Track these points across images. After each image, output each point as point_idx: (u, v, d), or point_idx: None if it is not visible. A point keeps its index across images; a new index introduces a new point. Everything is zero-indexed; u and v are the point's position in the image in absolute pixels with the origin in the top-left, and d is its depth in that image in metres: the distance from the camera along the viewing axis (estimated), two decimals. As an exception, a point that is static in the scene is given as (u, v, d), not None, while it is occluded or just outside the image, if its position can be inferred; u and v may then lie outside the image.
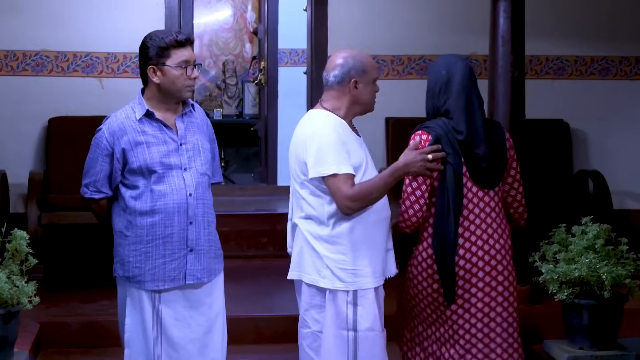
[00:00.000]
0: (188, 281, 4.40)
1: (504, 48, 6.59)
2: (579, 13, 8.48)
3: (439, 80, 4.70)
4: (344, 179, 4.27)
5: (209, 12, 12.60)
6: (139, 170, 4.33)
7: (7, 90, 7.97)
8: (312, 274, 4.38)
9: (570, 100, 8.47)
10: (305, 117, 4.48)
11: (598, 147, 8.51)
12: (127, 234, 4.39)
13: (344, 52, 4.44)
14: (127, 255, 4.39)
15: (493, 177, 4.57)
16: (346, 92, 4.40)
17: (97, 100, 8.02)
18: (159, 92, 4.36)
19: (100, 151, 4.37)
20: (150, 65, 4.32)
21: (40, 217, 7.37)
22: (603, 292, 5.40)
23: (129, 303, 4.42)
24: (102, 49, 8.10)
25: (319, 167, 4.28)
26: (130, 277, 4.39)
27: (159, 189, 4.33)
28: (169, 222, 4.35)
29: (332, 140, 4.30)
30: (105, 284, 7.23)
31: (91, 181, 4.41)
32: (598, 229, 5.54)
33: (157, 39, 4.34)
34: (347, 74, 4.38)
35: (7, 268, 5.01)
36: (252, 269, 7.55)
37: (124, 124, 4.35)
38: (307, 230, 4.37)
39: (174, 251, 4.37)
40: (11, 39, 7.98)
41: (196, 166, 4.42)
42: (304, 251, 4.40)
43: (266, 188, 10.33)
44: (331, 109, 4.41)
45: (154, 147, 4.34)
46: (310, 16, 8.49)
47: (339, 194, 4.26)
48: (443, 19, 8.34)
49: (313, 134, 4.33)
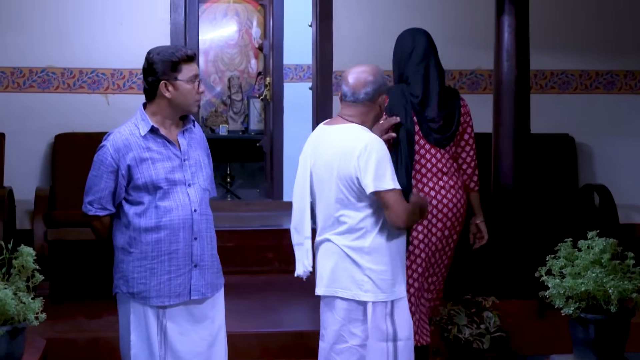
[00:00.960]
0: (193, 297, 4.41)
1: (508, 63, 6.61)
2: (583, 27, 8.48)
3: (404, 51, 5.46)
4: (399, 193, 4.42)
5: (214, 28, 12.63)
6: (144, 186, 4.33)
7: (13, 107, 7.99)
8: (351, 289, 4.46)
9: (575, 114, 8.47)
10: (337, 131, 4.50)
11: (604, 161, 8.51)
12: (131, 250, 4.39)
13: (368, 68, 4.55)
14: (131, 272, 4.39)
15: (444, 137, 5.28)
16: (375, 108, 4.54)
17: (103, 117, 8.04)
18: (168, 107, 4.37)
19: (105, 168, 4.37)
20: (162, 80, 4.33)
21: (47, 234, 7.38)
22: (610, 306, 5.38)
23: (133, 320, 4.41)
24: (108, 65, 8.12)
25: (379, 182, 4.37)
26: (134, 293, 4.39)
27: (164, 205, 4.34)
28: (174, 238, 4.35)
29: (386, 156, 4.43)
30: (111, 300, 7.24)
31: (95, 198, 4.41)
32: (604, 243, 5.52)
33: (167, 54, 4.36)
34: (378, 90, 4.52)
35: (14, 284, 5.01)
36: (258, 285, 7.54)
37: (129, 140, 4.36)
38: (345, 245, 4.44)
39: (179, 267, 4.38)
40: (17, 56, 8.00)
41: (199, 182, 4.44)
42: (339, 267, 4.46)
43: (272, 203, 10.33)
44: (360, 124, 4.51)
45: (159, 163, 4.35)
46: (315, 32, 8.50)
47: (400, 208, 4.39)
48: (447, 33, 8.32)
49: (367, 149, 4.39)
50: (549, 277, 5.53)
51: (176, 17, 8.17)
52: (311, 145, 4.58)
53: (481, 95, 8.24)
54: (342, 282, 4.46)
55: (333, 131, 4.52)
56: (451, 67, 8.32)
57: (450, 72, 8.34)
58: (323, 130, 4.58)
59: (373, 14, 8.34)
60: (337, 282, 4.47)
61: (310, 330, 6.12)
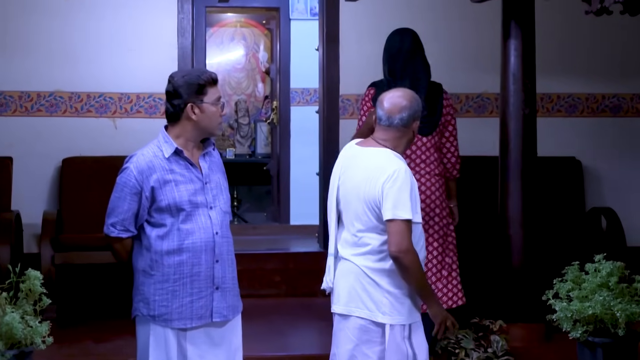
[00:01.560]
0: (215, 319, 4.42)
1: (515, 86, 6.61)
2: (589, 51, 8.49)
3: (393, 48, 6.19)
4: (410, 227, 4.41)
5: (221, 53, 12.68)
6: (167, 208, 4.35)
7: (21, 131, 8.01)
8: (369, 309, 4.46)
9: (582, 137, 8.47)
10: (368, 154, 4.53)
11: (611, 184, 8.50)
12: (152, 272, 4.39)
13: (403, 94, 4.58)
14: (152, 294, 4.39)
15: (428, 127, 5.98)
16: (408, 133, 4.56)
17: (110, 141, 8.06)
18: (193, 129, 4.41)
19: (129, 189, 4.38)
20: (189, 102, 4.36)
21: (54, 257, 7.38)
22: (617, 329, 5.38)
23: (152, 342, 4.41)
24: (115, 89, 8.14)
25: (397, 210, 4.37)
26: (155, 315, 4.39)
27: (186, 227, 4.36)
28: (196, 261, 4.37)
29: (411, 185, 4.43)
30: (119, 324, 7.24)
31: (119, 220, 4.41)
32: (611, 267, 5.52)
33: (193, 77, 4.39)
34: (413, 115, 4.55)
35: (21, 308, 5.02)
36: (265, 308, 7.53)
37: (153, 162, 4.38)
38: (365, 266, 4.45)
39: (201, 289, 4.39)
40: (25, 80, 8.03)
41: (220, 205, 4.46)
42: (357, 287, 4.48)
43: (279, 227, 10.35)
44: (392, 148, 4.53)
45: (182, 186, 4.38)
46: (322, 55, 8.52)
47: (405, 239, 4.37)
48: (454, 57, 8.36)
49: (394, 175, 4.40)
50: (557, 301, 5.52)
51: (183, 42, 8.20)
52: (341, 164, 4.62)
53: (488, 118, 8.25)
54: (360, 302, 4.47)
55: (365, 153, 4.55)
56: (458, 91, 8.34)
57: (457, 96, 8.35)
58: (355, 150, 4.62)
59: (379, 38, 8.29)
60: (355, 302, 4.49)
61: (318, 354, 6.12)
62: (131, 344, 6.60)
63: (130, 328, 6.97)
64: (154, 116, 8.14)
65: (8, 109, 8.02)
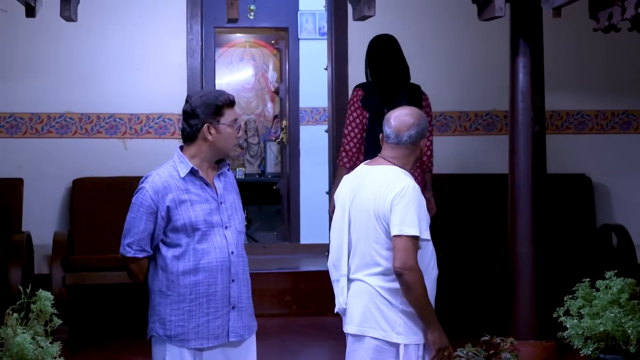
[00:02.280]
0: (231, 339, 4.42)
1: (524, 104, 6.61)
2: (598, 68, 8.50)
3: (376, 53, 6.77)
4: (417, 244, 4.39)
5: (230, 73, 12.72)
6: (182, 228, 4.36)
7: (31, 152, 8.04)
8: (384, 329, 4.44)
9: (591, 154, 8.46)
10: (377, 172, 4.52)
11: (621, 201, 8.48)
12: (168, 293, 4.39)
13: (411, 112, 4.58)
14: (168, 314, 4.39)
15: None
16: (416, 150, 4.56)
17: (120, 161, 8.08)
18: (209, 150, 4.42)
19: (145, 209, 4.39)
20: (205, 123, 4.38)
21: (65, 278, 7.39)
22: (629, 346, 5.35)
23: None
24: (125, 110, 8.17)
25: (403, 226, 4.35)
26: (172, 336, 4.39)
27: (202, 247, 4.37)
28: (212, 280, 4.37)
29: (419, 202, 4.42)
30: (129, 345, 7.26)
31: (135, 240, 4.41)
32: (622, 283, 5.49)
33: (211, 98, 4.41)
34: (421, 133, 4.54)
35: (32, 329, 5.01)
36: (276, 328, 7.53)
37: (168, 182, 4.40)
38: (379, 286, 4.43)
39: (217, 309, 4.39)
40: (35, 102, 8.07)
41: (235, 224, 4.48)
42: (372, 307, 4.45)
43: (289, 246, 10.35)
44: (401, 166, 4.53)
45: (198, 205, 4.39)
46: (331, 75, 8.54)
47: (410, 256, 4.34)
48: (463, 75, 8.38)
49: (402, 192, 4.40)
50: (567, 318, 5.50)
51: (193, 62, 8.23)
52: (349, 185, 4.61)
53: (497, 136, 8.25)
54: (374, 322, 4.46)
55: (374, 172, 4.54)
56: (467, 109, 8.36)
57: (466, 114, 8.37)
58: (364, 170, 4.61)
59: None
60: (369, 322, 4.47)
61: (328, 373, 6.12)
62: (142, 364, 6.65)
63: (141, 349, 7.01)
64: (164, 137, 8.16)
65: (19, 130, 8.05)
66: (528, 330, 6.53)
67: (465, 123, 8.36)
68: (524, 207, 6.60)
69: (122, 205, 7.67)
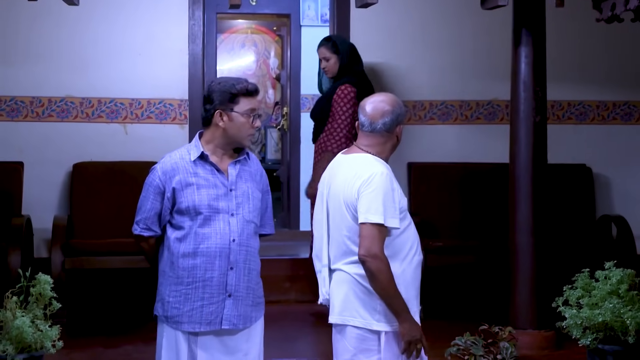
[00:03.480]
0: (224, 326, 4.40)
1: (525, 93, 6.61)
2: (600, 58, 8.48)
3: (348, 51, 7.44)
4: (383, 232, 4.30)
5: (232, 59, 12.71)
6: (186, 210, 4.37)
7: (32, 136, 8.03)
8: (363, 317, 4.38)
9: (592, 145, 8.45)
10: (349, 161, 4.47)
11: (621, 192, 8.48)
12: (170, 274, 4.41)
13: (386, 98, 4.50)
14: (167, 295, 4.41)
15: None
16: (392, 138, 4.48)
17: (121, 146, 8.07)
18: (222, 136, 4.42)
19: (153, 189, 4.42)
20: (218, 109, 4.38)
21: (64, 262, 7.38)
22: (627, 337, 5.36)
23: (164, 343, 4.42)
24: (126, 95, 8.15)
25: (368, 214, 4.29)
26: (168, 317, 4.41)
27: (203, 231, 4.37)
28: (209, 266, 4.37)
29: (386, 190, 4.33)
30: (128, 329, 7.26)
31: (142, 218, 4.45)
32: (622, 274, 5.50)
33: (227, 85, 4.40)
34: (396, 120, 4.45)
35: (31, 312, 5.02)
36: (275, 315, 7.50)
37: (177, 164, 4.41)
38: (357, 274, 4.37)
39: (213, 295, 4.39)
40: (36, 86, 8.05)
41: (243, 213, 4.45)
42: (351, 295, 4.39)
43: (288, 233, 10.35)
44: (375, 154, 4.45)
45: (204, 190, 4.39)
46: (333, 62, 8.52)
47: (374, 244, 4.27)
48: (464, 64, 8.36)
49: (369, 179, 4.34)
50: (566, 308, 5.51)
51: (194, 48, 8.21)
52: (328, 174, 4.57)
53: (498, 125, 8.24)
54: (354, 311, 4.40)
55: (347, 160, 4.50)
56: (468, 98, 8.35)
57: (467, 103, 8.36)
58: (339, 159, 4.57)
59: (390, 45, 8.37)
60: (349, 311, 4.42)
61: (325, 361, 6.12)
62: (140, 349, 6.66)
63: (139, 334, 7.03)
64: (165, 122, 8.15)
65: (19, 114, 8.04)
66: (527, 320, 6.54)
67: (467, 112, 8.35)
68: (524, 197, 6.60)
69: (122, 190, 7.81)
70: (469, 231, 8.07)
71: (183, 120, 8.15)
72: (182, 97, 8.16)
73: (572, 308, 5.51)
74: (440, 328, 6.82)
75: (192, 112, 8.04)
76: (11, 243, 7.23)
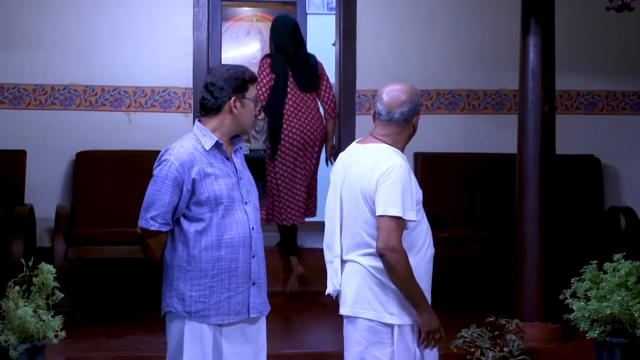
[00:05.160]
0: (252, 314, 4.40)
1: (534, 83, 6.57)
2: (609, 48, 8.42)
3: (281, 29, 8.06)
4: (401, 225, 4.28)
5: (237, 47, 12.64)
6: (206, 201, 4.31)
7: (35, 124, 7.99)
8: (376, 310, 4.36)
9: (601, 135, 8.40)
10: (365, 151, 4.43)
11: (630, 183, 8.44)
12: (189, 268, 4.33)
13: (404, 87, 4.46)
14: (189, 290, 4.33)
15: (309, 85, 7.98)
16: (409, 128, 4.45)
17: (124, 135, 8.04)
18: (232, 123, 4.38)
19: (171, 182, 4.30)
20: (232, 96, 4.33)
21: (67, 252, 7.35)
22: (635, 330, 5.33)
23: (188, 339, 4.34)
24: (130, 83, 8.11)
25: (387, 206, 4.26)
26: (192, 312, 4.33)
27: (224, 222, 4.33)
28: (234, 256, 4.33)
29: (405, 182, 4.30)
30: (131, 319, 7.23)
31: (159, 213, 4.31)
32: (630, 266, 5.47)
33: (238, 72, 4.37)
34: (414, 110, 4.42)
35: (34, 302, 5.00)
36: (279, 305, 7.48)
37: (194, 155, 4.33)
38: (371, 266, 4.35)
39: (239, 285, 4.36)
40: (40, 73, 8.01)
41: (253, 200, 4.45)
42: (364, 288, 4.37)
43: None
44: (391, 143, 4.42)
45: (221, 179, 4.34)
46: (339, 51, 8.48)
47: (392, 236, 4.25)
48: (472, 53, 8.31)
49: (388, 171, 4.30)
50: (574, 300, 5.48)
51: (199, 36, 8.16)
52: (342, 164, 4.52)
53: (506, 115, 8.19)
54: (367, 303, 4.38)
55: (363, 150, 4.45)
56: (476, 87, 8.30)
57: (475, 93, 8.31)
58: (355, 148, 4.52)
59: (397, 34, 8.33)
60: (361, 303, 4.40)
61: (331, 351, 6.09)
62: (144, 339, 6.63)
63: (142, 324, 6.99)
64: (169, 110, 8.11)
65: (22, 102, 8.00)
66: (534, 312, 6.50)
67: (474, 102, 8.30)
68: (532, 187, 6.56)
69: (125, 179, 7.77)
70: (475, 222, 8.03)
71: (187, 108, 8.11)
72: (187, 85, 8.11)
73: (579, 300, 5.47)
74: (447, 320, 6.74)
75: (196, 101, 7.98)
76: (14, 232, 7.20)
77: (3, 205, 7.55)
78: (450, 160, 8.19)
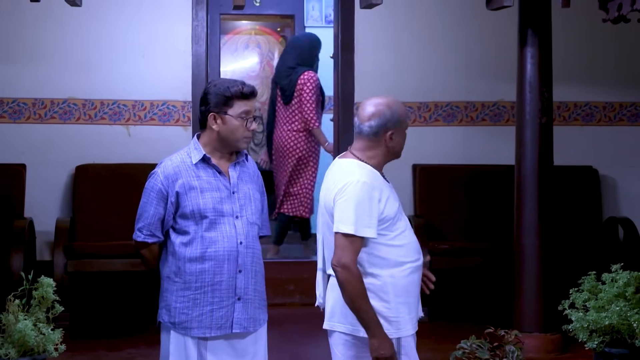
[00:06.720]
0: (235, 330, 4.37)
1: (531, 94, 6.58)
2: (607, 59, 8.45)
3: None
4: (356, 242, 4.17)
5: (235, 60, 12.66)
6: (191, 214, 4.33)
7: (34, 138, 8.01)
8: (351, 324, 4.26)
9: (599, 146, 8.42)
10: (336, 166, 4.37)
11: (628, 194, 8.44)
12: (176, 280, 4.36)
13: (379, 101, 4.30)
14: (174, 301, 4.36)
15: (287, 99, 8.71)
16: (381, 143, 4.29)
17: (123, 148, 8.05)
18: (217, 139, 4.38)
19: (155, 194, 4.36)
20: (212, 112, 4.33)
21: (67, 265, 7.36)
22: (634, 340, 5.32)
23: (172, 350, 4.37)
24: (129, 96, 8.13)
25: (339, 223, 4.17)
26: (176, 323, 4.36)
27: (209, 235, 4.33)
28: (218, 270, 4.33)
29: (361, 199, 4.18)
30: (131, 332, 7.24)
31: (145, 224, 4.38)
32: (628, 277, 5.47)
33: (222, 88, 4.35)
34: (384, 126, 4.26)
35: (34, 315, 5.00)
36: (279, 318, 7.49)
37: (179, 168, 4.36)
38: None
39: (222, 299, 4.35)
40: (39, 87, 8.03)
41: (247, 215, 4.42)
42: (340, 301, 4.26)
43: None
44: (364, 159, 4.30)
45: (208, 193, 4.35)
46: (337, 63, 8.50)
47: (344, 254, 4.14)
48: (470, 65, 8.33)
49: (344, 188, 4.21)
50: (573, 311, 5.47)
51: (198, 49, 8.18)
52: (325, 178, 4.49)
53: (504, 127, 8.21)
54: (342, 317, 4.29)
55: (336, 166, 4.40)
56: (474, 99, 8.32)
57: (473, 104, 8.32)
58: (333, 163, 4.49)
59: (395, 46, 8.35)
60: (337, 317, 4.31)
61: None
62: (143, 352, 6.64)
63: (142, 337, 7.00)
64: (168, 124, 8.12)
65: (22, 116, 8.02)
66: (533, 323, 6.51)
67: (472, 113, 8.32)
68: (530, 199, 6.57)
69: (124, 192, 7.78)
70: (474, 233, 8.03)
71: (186, 122, 8.12)
72: (186, 98, 8.13)
73: (578, 311, 5.47)
74: (446, 330, 6.80)
75: (195, 114, 8.00)
76: (13, 245, 7.21)
77: (3, 219, 7.55)
78: (449, 172, 8.21)
